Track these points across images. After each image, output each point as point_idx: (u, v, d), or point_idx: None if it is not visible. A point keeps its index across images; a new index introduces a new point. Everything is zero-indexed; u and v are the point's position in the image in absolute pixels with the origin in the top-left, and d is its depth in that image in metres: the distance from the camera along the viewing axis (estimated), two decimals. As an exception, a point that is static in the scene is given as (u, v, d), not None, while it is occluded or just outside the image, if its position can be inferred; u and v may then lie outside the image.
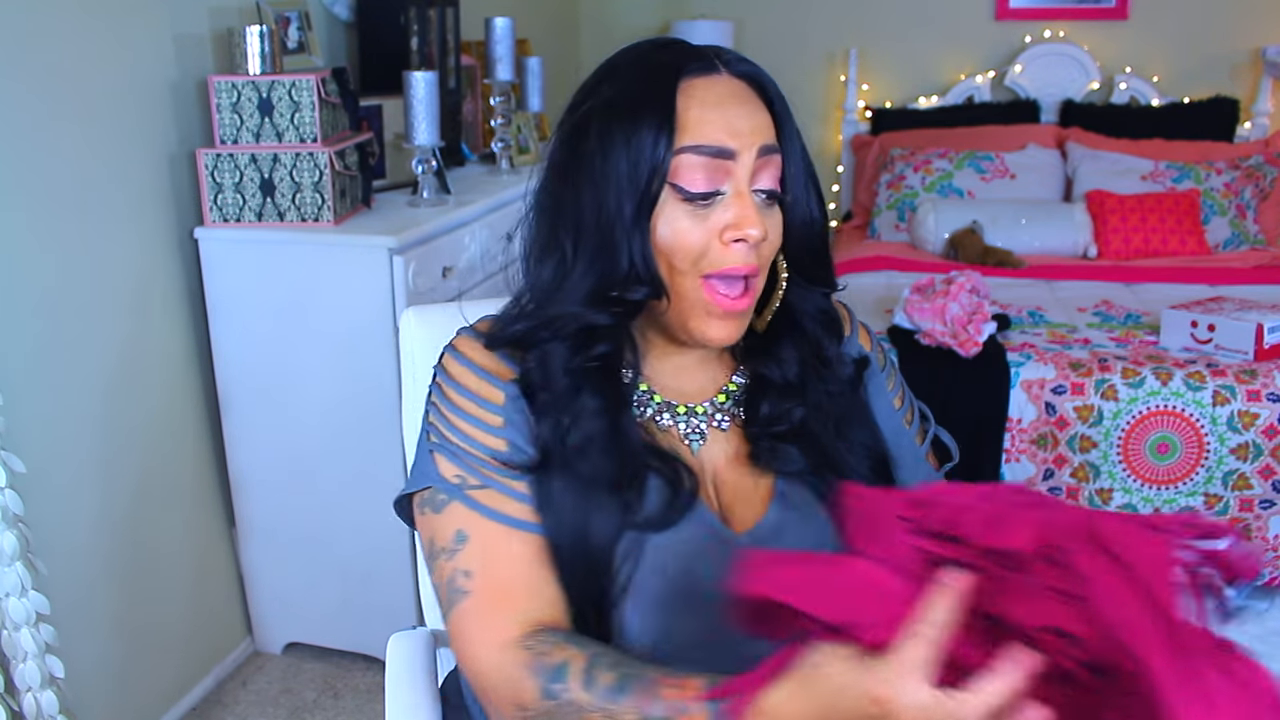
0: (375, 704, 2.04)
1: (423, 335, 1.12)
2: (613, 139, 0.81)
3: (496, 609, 0.79)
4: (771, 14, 4.03)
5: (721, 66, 0.84)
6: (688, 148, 0.80)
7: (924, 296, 2.42)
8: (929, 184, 3.54)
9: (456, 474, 0.83)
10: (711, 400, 0.91)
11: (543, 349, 0.85)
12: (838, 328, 0.94)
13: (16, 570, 1.40)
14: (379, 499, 1.98)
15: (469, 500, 0.82)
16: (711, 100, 0.81)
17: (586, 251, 0.82)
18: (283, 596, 2.13)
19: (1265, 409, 2.17)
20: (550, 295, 0.84)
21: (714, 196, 0.81)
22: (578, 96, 0.87)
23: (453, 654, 0.82)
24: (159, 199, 1.88)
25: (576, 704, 0.71)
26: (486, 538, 0.81)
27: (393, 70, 2.25)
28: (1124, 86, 3.77)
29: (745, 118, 0.82)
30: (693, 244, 0.81)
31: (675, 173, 0.80)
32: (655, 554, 0.82)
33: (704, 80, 0.82)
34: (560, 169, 0.86)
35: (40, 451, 1.58)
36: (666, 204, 0.81)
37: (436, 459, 0.85)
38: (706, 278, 0.82)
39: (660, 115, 0.80)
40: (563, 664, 0.73)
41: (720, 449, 0.89)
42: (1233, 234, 3.35)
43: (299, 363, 1.94)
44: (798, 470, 0.89)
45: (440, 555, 0.82)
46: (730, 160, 0.81)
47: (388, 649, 1.13)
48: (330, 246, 1.88)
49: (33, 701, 1.45)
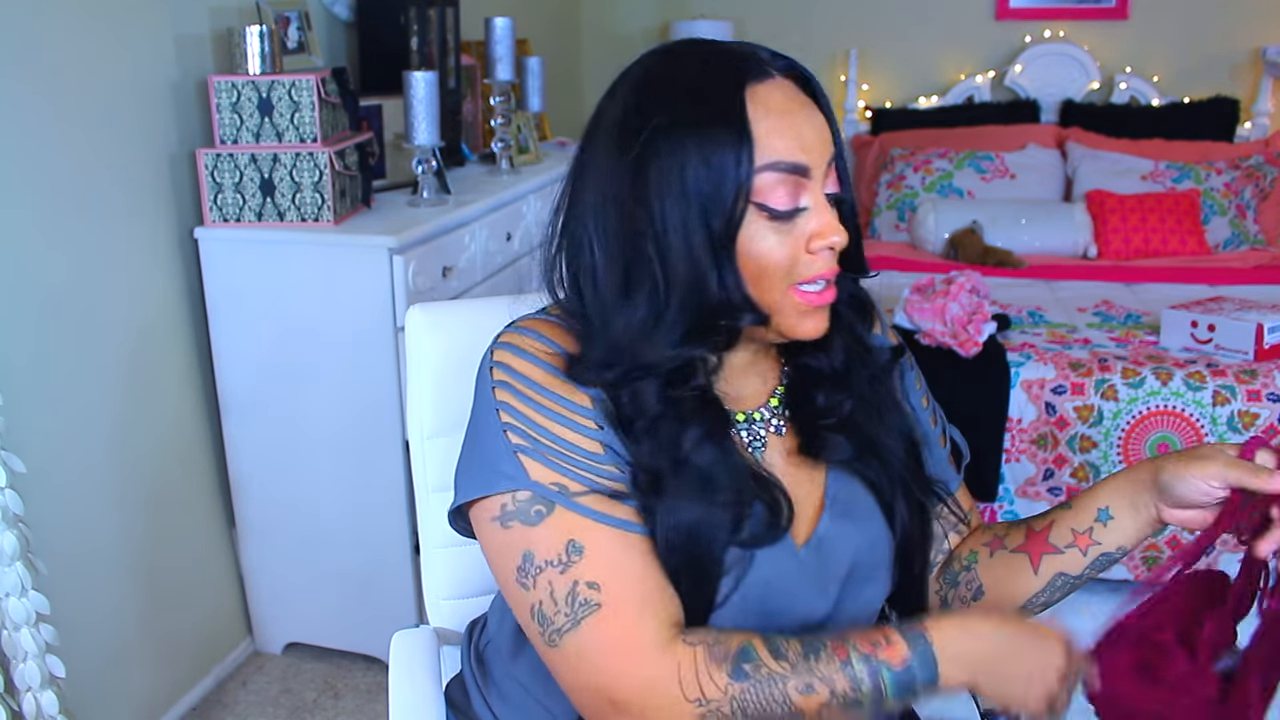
0: (375, 704, 2.04)
1: (429, 332, 1.12)
2: (689, 159, 0.77)
3: (641, 614, 0.76)
4: (771, 14, 4.03)
5: (769, 68, 0.81)
6: (767, 165, 0.78)
7: (924, 296, 2.42)
8: (929, 184, 3.54)
9: (555, 480, 0.78)
10: (766, 404, 0.90)
11: (634, 385, 0.81)
12: (868, 312, 0.94)
13: (16, 570, 1.40)
14: (379, 499, 1.99)
15: (578, 506, 0.78)
16: (776, 110, 0.79)
17: (679, 285, 0.78)
18: (283, 596, 2.13)
19: (1265, 409, 2.17)
20: (645, 335, 0.79)
21: (798, 212, 0.80)
22: (628, 111, 0.81)
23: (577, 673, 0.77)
24: (159, 199, 1.88)
25: (773, 675, 0.73)
26: (606, 545, 0.77)
27: (393, 70, 2.25)
28: (1124, 86, 3.77)
29: (808, 125, 0.80)
30: (781, 259, 0.80)
31: (759, 192, 0.78)
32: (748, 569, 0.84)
33: (764, 87, 0.79)
34: (635, 192, 0.79)
35: (40, 451, 1.58)
36: (753, 225, 0.79)
37: (525, 462, 0.79)
38: (793, 285, 0.81)
39: (737, 131, 0.77)
40: (745, 645, 0.75)
41: (777, 451, 0.90)
42: (1233, 234, 3.35)
43: (299, 363, 1.94)
44: (846, 458, 0.90)
45: (545, 569, 0.77)
46: (806, 177, 0.79)
47: (391, 647, 1.13)
48: (330, 246, 1.88)
49: (33, 701, 1.45)
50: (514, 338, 0.85)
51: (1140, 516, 0.85)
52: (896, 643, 0.74)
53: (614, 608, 0.76)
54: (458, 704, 1.03)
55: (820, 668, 0.73)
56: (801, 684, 0.73)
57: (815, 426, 0.90)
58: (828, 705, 0.73)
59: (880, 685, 0.73)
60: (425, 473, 1.14)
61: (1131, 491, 0.86)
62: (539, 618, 0.78)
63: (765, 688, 0.73)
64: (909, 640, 0.74)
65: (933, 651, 0.73)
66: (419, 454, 1.14)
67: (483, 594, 1.17)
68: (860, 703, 0.73)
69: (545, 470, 0.79)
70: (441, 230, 2.04)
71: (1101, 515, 0.87)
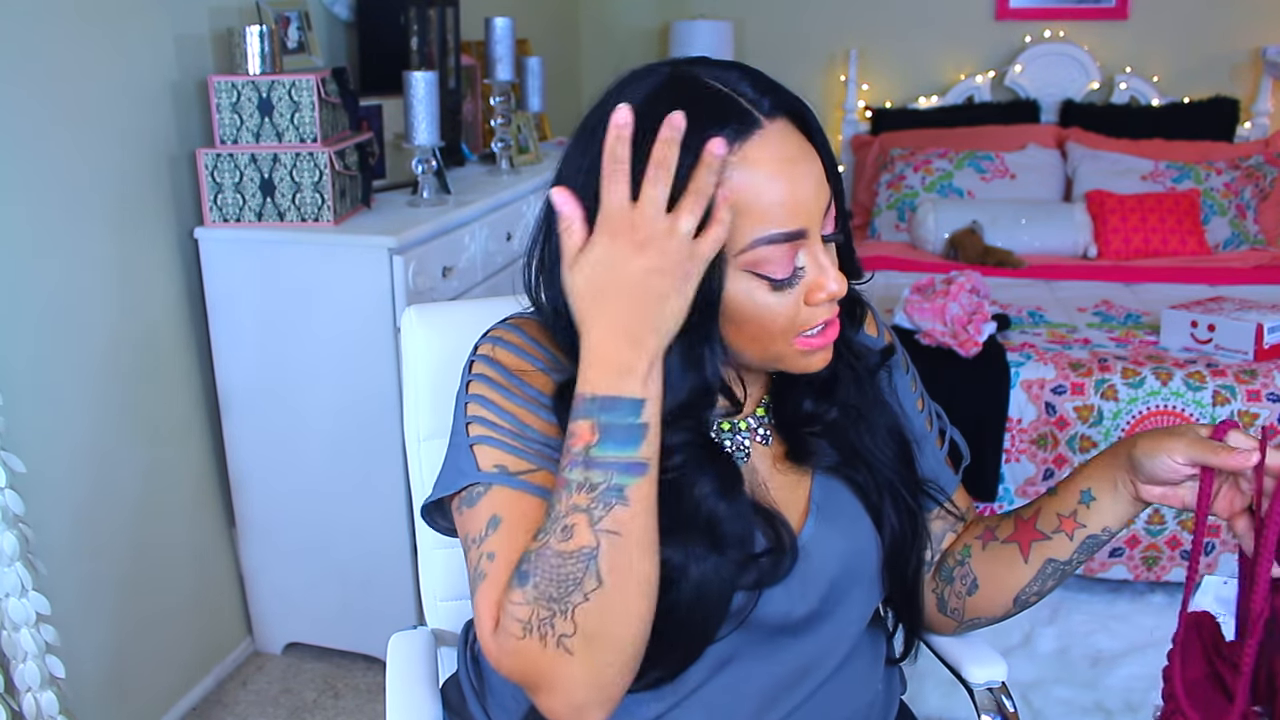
0: (375, 704, 2.04)
1: (424, 334, 1.12)
2: None
3: (500, 583, 0.73)
4: (771, 14, 4.03)
5: (756, 112, 0.76)
6: (761, 240, 0.75)
7: (924, 296, 2.42)
8: (929, 184, 3.54)
9: (497, 462, 0.78)
10: (753, 414, 0.90)
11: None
12: (858, 313, 0.94)
13: (16, 570, 1.40)
14: (379, 499, 1.99)
15: (512, 481, 0.77)
16: (768, 171, 0.75)
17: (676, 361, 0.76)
18: (283, 596, 2.13)
19: (1265, 409, 2.17)
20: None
21: (796, 275, 0.78)
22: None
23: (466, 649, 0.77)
24: (159, 199, 1.88)
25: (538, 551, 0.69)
26: (523, 515, 0.76)
27: (393, 70, 2.25)
28: (1124, 86, 3.77)
29: (805, 180, 0.76)
30: (784, 316, 0.78)
31: (755, 264, 0.76)
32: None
33: (752, 145, 0.75)
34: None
35: (40, 451, 1.58)
36: (753, 291, 0.77)
37: (478, 453, 0.79)
38: (797, 335, 0.80)
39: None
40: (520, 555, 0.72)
41: (763, 458, 0.89)
42: (1233, 234, 3.35)
43: (299, 362, 1.94)
44: (832, 464, 0.89)
45: (471, 548, 0.77)
46: (803, 239, 0.77)
47: (388, 648, 1.13)
48: (330, 246, 1.88)
49: (33, 702, 1.45)
50: (501, 332, 0.86)
51: (1120, 496, 0.85)
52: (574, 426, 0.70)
53: (495, 573, 0.74)
54: (453, 704, 1.03)
55: (558, 509, 0.70)
56: (558, 534, 0.69)
57: (801, 433, 0.89)
58: (596, 523, 0.68)
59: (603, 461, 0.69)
60: (422, 474, 1.14)
61: (1111, 471, 0.85)
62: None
63: (541, 565, 0.69)
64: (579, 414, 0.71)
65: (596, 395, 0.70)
66: (415, 456, 1.14)
67: (482, 594, 1.17)
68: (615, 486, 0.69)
69: (493, 454, 0.79)
70: (441, 230, 2.04)
71: (1084, 497, 0.87)
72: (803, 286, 0.78)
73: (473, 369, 0.84)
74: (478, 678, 1.00)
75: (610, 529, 0.69)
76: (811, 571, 0.86)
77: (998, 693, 1.09)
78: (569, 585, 0.68)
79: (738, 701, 0.87)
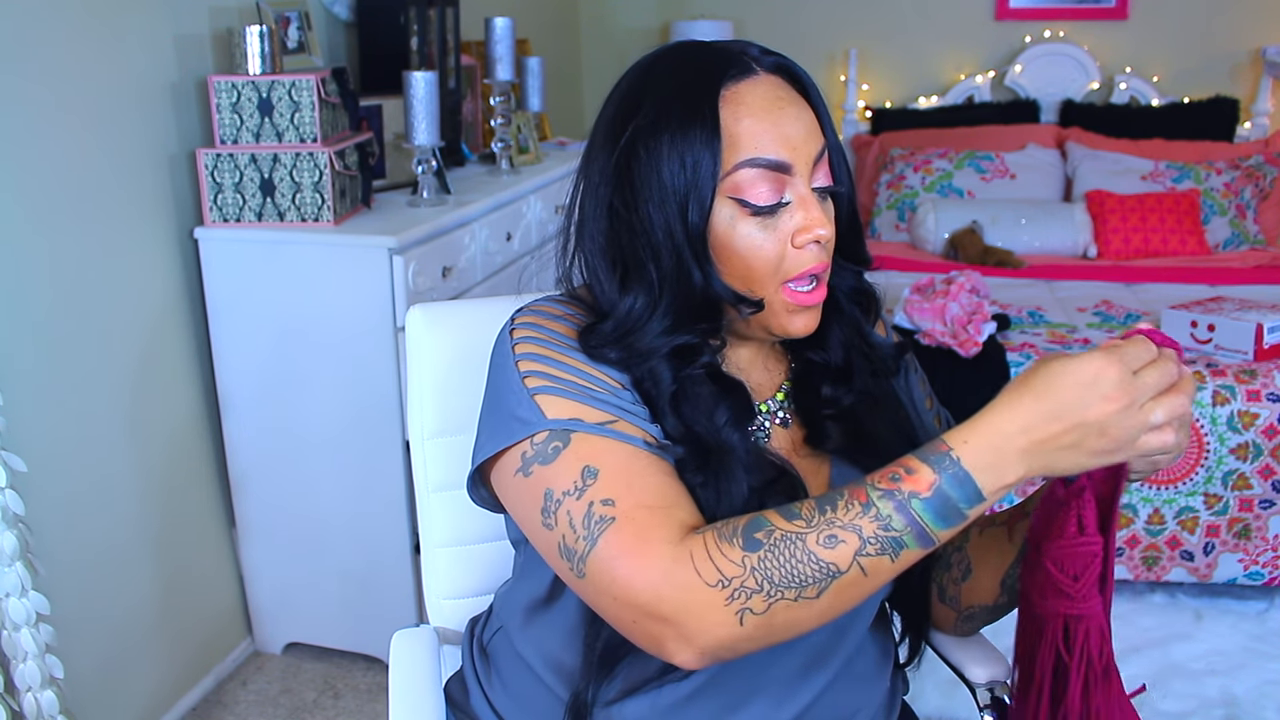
0: (375, 704, 2.04)
1: (429, 333, 1.12)
2: (666, 159, 0.80)
3: (654, 517, 0.73)
4: (771, 14, 4.03)
5: (755, 65, 0.83)
6: (745, 162, 0.80)
7: (924, 296, 2.42)
8: (929, 184, 3.54)
9: (572, 413, 0.78)
10: (772, 398, 0.92)
11: (645, 366, 0.83)
12: (872, 305, 0.95)
13: (16, 570, 1.40)
14: (379, 499, 1.99)
15: (595, 429, 0.77)
16: (759, 108, 0.80)
17: (668, 280, 0.81)
18: (283, 596, 2.13)
19: (1265, 409, 2.17)
20: (641, 324, 0.82)
21: (780, 206, 0.81)
22: (617, 115, 0.84)
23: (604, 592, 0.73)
24: (159, 199, 1.88)
25: (788, 535, 0.69)
26: (623, 463, 0.76)
27: (393, 70, 2.25)
28: (1124, 86, 3.77)
29: (794, 121, 0.81)
30: (769, 255, 0.82)
31: (738, 188, 0.80)
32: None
33: (745, 85, 0.81)
34: (621, 194, 0.82)
35: (40, 451, 1.58)
36: (736, 220, 0.81)
37: (543, 402, 0.79)
38: (784, 282, 0.83)
39: (709, 129, 0.79)
40: (755, 517, 0.71)
41: (782, 443, 0.91)
42: (1233, 234, 3.35)
43: (299, 363, 1.94)
44: (849, 450, 0.91)
45: (564, 500, 0.75)
46: (788, 174, 0.81)
47: (391, 647, 1.13)
48: (330, 246, 1.88)
49: (33, 701, 1.45)
50: (537, 306, 0.88)
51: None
52: (918, 469, 0.69)
53: (628, 516, 0.73)
54: (457, 701, 1.03)
55: (840, 516, 0.69)
56: (822, 537, 0.68)
57: (819, 417, 0.91)
58: (863, 553, 0.68)
59: (915, 517, 0.68)
60: (426, 473, 1.14)
61: None
62: (565, 553, 0.75)
63: (784, 549, 0.68)
64: (932, 463, 0.69)
65: (961, 466, 0.68)
66: (419, 454, 1.14)
67: (483, 594, 1.17)
68: (902, 541, 0.68)
69: (563, 404, 0.79)
70: (441, 230, 2.04)
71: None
72: (789, 226, 0.81)
73: (514, 335, 0.85)
74: (485, 668, 1.01)
75: (868, 569, 0.69)
76: None
77: (999, 691, 1.09)
78: (794, 582, 0.68)
79: (752, 693, 0.88)
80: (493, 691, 0.99)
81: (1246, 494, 2.23)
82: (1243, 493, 2.23)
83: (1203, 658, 2.13)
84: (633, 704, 0.87)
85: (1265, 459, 2.19)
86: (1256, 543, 2.26)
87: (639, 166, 0.81)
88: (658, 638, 0.71)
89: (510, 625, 0.98)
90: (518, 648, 0.96)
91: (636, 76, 0.86)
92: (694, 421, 0.81)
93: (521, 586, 0.97)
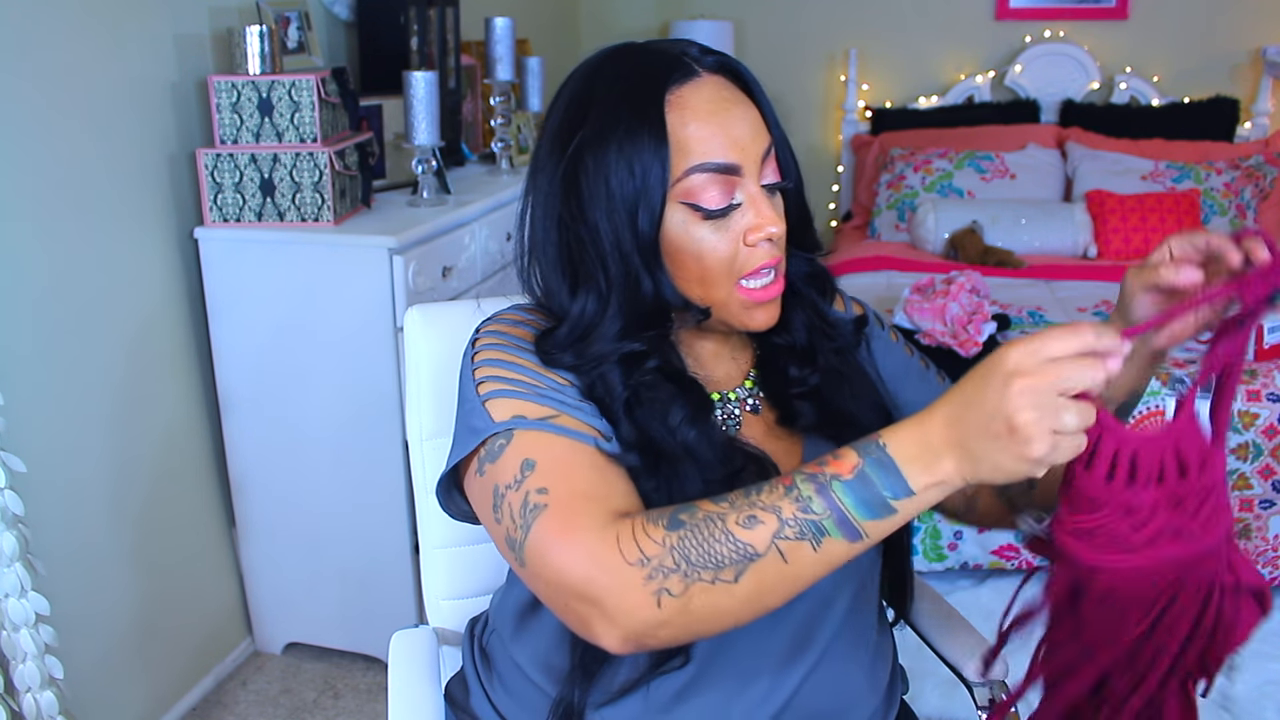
0: (375, 704, 2.04)
1: (427, 334, 1.12)
2: (613, 168, 0.80)
3: (586, 504, 0.73)
4: (771, 14, 4.03)
5: (697, 66, 0.84)
6: (695, 168, 0.81)
7: (924, 296, 2.42)
8: (929, 184, 3.54)
9: (515, 412, 0.80)
10: (740, 385, 0.93)
11: (596, 372, 0.84)
12: (827, 285, 0.96)
13: (16, 571, 1.40)
14: (379, 499, 1.99)
15: (534, 424, 0.78)
16: (704, 111, 0.81)
17: (617, 287, 0.82)
18: (283, 596, 2.13)
19: (1265, 409, 2.17)
20: (590, 331, 0.83)
21: (732, 208, 0.82)
22: (562, 124, 0.84)
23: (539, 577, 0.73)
24: (159, 199, 1.88)
25: (710, 515, 0.68)
26: (559, 454, 0.77)
27: (393, 70, 2.25)
28: (1124, 86, 3.77)
29: (740, 122, 0.82)
30: (722, 255, 0.83)
31: (689, 193, 0.81)
32: None
33: (689, 88, 0.82)
34: (569, 205, 0.83)
35: (40, 451, 1.58)
36: (689, 224, 0.82)
37: (491, 407, 0.81)
38: (739, 279, 0.84)
39: (656, 137, 0.80)
40: (688, 503, 0.71)
41: (755, 428, 0.92)
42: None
43: (299, 363, 1.94)
44: (820, 428, 0.92)
45: (506, 494, 0.76)
46: (737, 175, 0.82)
47: (390, 647, 1.13)
48: (330, 246, 1.88)
49: (32, 702, 1.45)
50: (502, 315, 0.91)
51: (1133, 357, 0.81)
52: (845, 454, 0.67)
53: (560, 502, 0.73)
54: (457, 701, 1.03)
55: (762, 499, 0.68)
56: (742, 517, 0.67)
57: (788, 397, 0.92)
58: (781, 536, 0.66)
59: (835, 501, 0.66)
60: (424, 474, 1.14)
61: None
62: (509, 543, 0.76)
63: (704, 529, 0.68)
64: (859, 449, 0.67)
65: (886, 453, 0.66)
66: (418, 455, 1.14)
67: (482, 594, 1.17)
68: (822, 527, 0.66)
69: (509, 404, 0.80)
70: (441, 230, 2.04)
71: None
72: (740, 226, 0.83)
73: (475, 344, 0.87)
74: (486, 669, 1.01)
75: (785, 551, 0.67)
76: None
77: (998, 691, 1.09)
78: (711, 562, 0.67)
79: (742, 685, 0.88)
80: (494, 691, 0.99)
81: (1246, 494, 2.23)
82: (1243, 493, 2.23)
83: (1203, 658, 2.13)
84: (624, 705, 0.88)
85: (1265, 459, 2.19)
86: (1257, 543, 2.26)
87: (586, 176, 0.82)
88: (585, 619, 0.70)
89: (503, 631, 0.99)
90: (511, 653, 0.97)
91: (580, 84, 0.86)
92: (648, 425, 0.82)
93: (512, 593, 0.98)
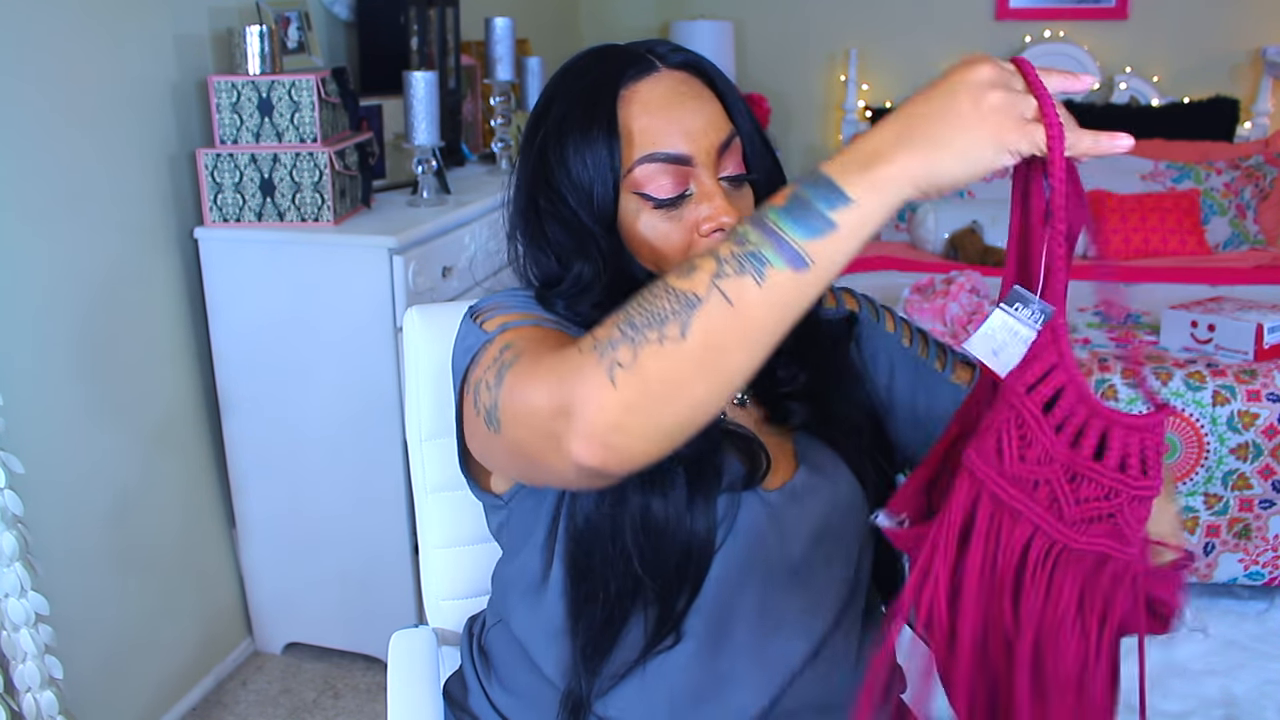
0: (375, 704, 2.04)
1: (426, 334, 1.12)
2: (572, 159, 0.85)
3: (548, 348, 0.73)
4: (771, 14, 4.03)
5: (658, 63, 0.86)
6: (645, 158, 0.84)
7: (924, 296, 2.42)
8: (929, 184, 3.54)
9: (502, 320, 0.83)
10: None
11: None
12: None
13: (16, 571, 1.40)
14: (379, 499, 1.99)
15: (516, 323, 0.82)
16: (657, 103, 0.84)
17: (596, 266, 0.86)
18: (283, 596, 2.13)
19: (1265, 409, 2.17)
20: (584, 291, 0.87)
21: (683, 198, 0.85)
22: (533, 119, 0.91)
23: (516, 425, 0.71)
24: (159, 199, 1.88)
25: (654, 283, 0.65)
26: (534, 331, 0.81)
27: (393, 70, 2.25)
28: (1124, 86, 3.77)
29: (695, 114, 0.85)
30: (675, 244, 0.86)
31: (639, 183, 0.84)
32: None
33: (645, 83, 0.85)
34: (545, 193, 0.88)
35: (40, 452, 1.58)
36: (641, 213, 0.85)
37: (485, 324, 0.84)
38: None
39: (607, 128, 0.84)
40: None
41: (742, 419, 0.92)
42: (1233, 234, 3.35)
43: (299, 363, 1.94)
44: (809, 425, 0.93)
45: (484, 376, 0.77)
46: (689, 165, 0.84)
47: (389, 647, 1.13)
48: (330, 246, 1.88)
49: (32, 702, 1.45)
50: (493, 291, 0.95)
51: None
52: (784, 189, 0.64)
53: (528, 353, 0.74)
54: (456, 699, 1.03)
55: (701, 253, 0.64)
56: (681, 270, 0.63)
57: (777, 395, 0.93)
58: (721, 275, 0.61)
59: (771, 227, 0.61)
60: (424, 474, 1.14)
61: None
62: (489, 420, 0.75)
63: (645, 294, 0.64)
64: (798, 178, 0.64)
65: (821, 172, 0.62)
66: (417, 455, 1.14)
67: (482, 594, 1.17)
68: (762, 256, 0.61)
69: (499, 318, 0.84)
70: (441, 230, 2.04)
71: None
72: (693, 216, 0.85)
73: (471, 308, 0.90)
74: (485, 667, 1.01)
75: (727, 292, 0.61)
76: (800, 515, 0.89)
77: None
78: (652, 320, 0.62)
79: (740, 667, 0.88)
80: (493, 689, 0.99)
81: (1246, 494, 2.23)
82: (1243, 493, 2.23)
83: (1202, 657, 2.13)
84: (623, 695, 0.88)
85: (1265, 459, 2.19)
86: (1257, 543, 2.26)
87: (551, 167, 0.87)
88: (559, 436, 0.65)
89: (502, 610, 0.99)
90: (515, 631, 0.96)
91: (551, 82, 0.91)
92: None
93: (513, 566, 0.97)
